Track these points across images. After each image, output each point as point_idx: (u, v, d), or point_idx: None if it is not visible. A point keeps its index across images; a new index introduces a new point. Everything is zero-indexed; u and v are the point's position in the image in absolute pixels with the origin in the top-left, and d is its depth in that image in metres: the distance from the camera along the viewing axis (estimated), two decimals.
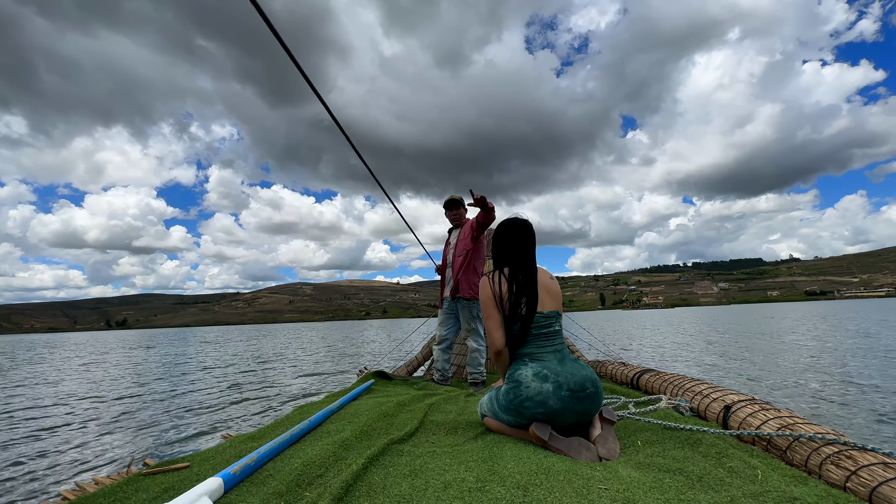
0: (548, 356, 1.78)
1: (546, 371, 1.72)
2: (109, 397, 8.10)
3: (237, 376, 10.36)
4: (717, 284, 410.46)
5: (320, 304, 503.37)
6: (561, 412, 1.68)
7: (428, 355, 4.78)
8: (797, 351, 9.97)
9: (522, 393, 1.72)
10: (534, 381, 1.70)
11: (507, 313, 1.86)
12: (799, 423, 1.60)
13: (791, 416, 1.64)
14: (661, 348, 12.18)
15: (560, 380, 1.69)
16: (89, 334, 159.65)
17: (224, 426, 5.26)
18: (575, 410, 1.69)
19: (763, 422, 1.67)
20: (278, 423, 2.31)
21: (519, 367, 1.80)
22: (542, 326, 1.85)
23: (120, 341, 43.76)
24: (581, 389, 1.69)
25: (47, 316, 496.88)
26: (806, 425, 1.58)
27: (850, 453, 1.39)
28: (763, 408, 1.75)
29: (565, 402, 1.67)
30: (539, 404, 1.68)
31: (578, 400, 1.68)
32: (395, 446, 1.88)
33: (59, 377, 12.02)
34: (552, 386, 1.68)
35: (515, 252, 1.99)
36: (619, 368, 3.04)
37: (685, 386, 2.19)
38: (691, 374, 7.49)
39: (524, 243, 2.01)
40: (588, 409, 1.72)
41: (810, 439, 1.50)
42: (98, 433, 5.31)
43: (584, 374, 1.73)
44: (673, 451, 1.63)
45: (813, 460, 1.46)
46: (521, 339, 1.83)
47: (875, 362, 7.75)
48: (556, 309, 1.93)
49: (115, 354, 21.67)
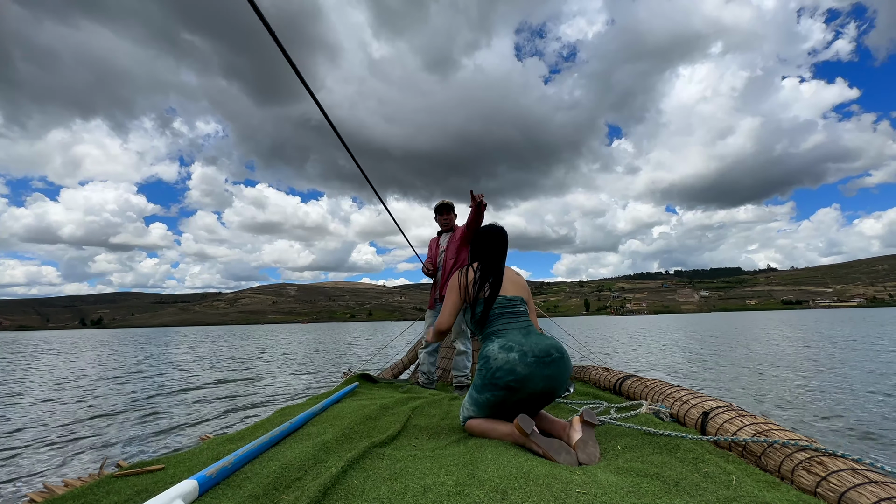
0: (512, 332, 1.93)
1: (510, 343, 1.86)
2: (80, 397, 7.82)
3: (215, 377, 10.13)
4: (698, 292, 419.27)
5: (304, 305, 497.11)
6: (529, 377, 1.80)
7: (414, 358, 4.75)
8: (784, 360, 10.20)
9: (492, 365, 1.84)
10: (500, 353, 1.85)
11: (470, 299, 2.07)
12: (773, 429, 1.63)
13: (766, 423, 1.68)
14: (649, 355, 12.31)
15: (525, 349, 1.83)
16: (62, 333, 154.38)
17: (202, 427, 5.12)
18: (543, 375, 1.81)
19: (739, 428, 1.70)
20: (258, 426, 2.27)
21: (486, 344, 1.96)
22: (506, 307, 2.03)
23: (93, 340, 42.38)
24: (546, 355, 1.83)
25: (17, 313, 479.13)
26: (780, 431, 1.62)
27: (821, 459, 1.43)
28: (739, 414, 1.79)
29: (532, 368, 1.80)
30: (508, 372, 1.80)
31: (545, 364, 1.82)
32: (376, 449, 1.85)
33: (25, 376, 11.60)
34: (518, 354, 1.81)
35: (488, 252, 2.20)
36: (603, 374, 3.07)
37: (665, 392, 2.23)
38: (676, 380, 7.61)
39: (497, 246, 2.23)
40: (555, 374, 1.84)
41: (783, 445, 1.54)
42: (69, 434, 5.10)
43: (548, 343, 1.89)
44: (651, 457, 1.65)
45: (786, 466, 1.50)
46: (484, 319, 2.02)
47: (853, 372, 8.00)
48: (520, 295, 2.11)
49: (88, 353, 21.00)
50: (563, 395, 2.80)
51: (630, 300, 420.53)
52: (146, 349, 23.09)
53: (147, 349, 23.16)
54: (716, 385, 6.98)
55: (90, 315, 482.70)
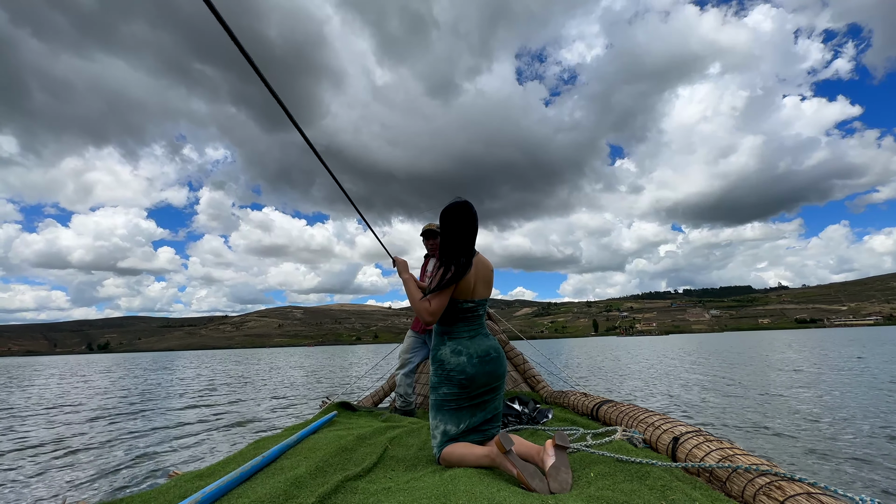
0: (463, 335, 2.22)
1: (460, 347, 2.19)
2: (48, 426, 7.47)
3: (195, 406, 9.80)
4: (708, 311, 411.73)
5: (310, 328, 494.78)
6: (475, 375, 2.13)
7: (395, 385, 4.68)
8: (807, 383, 9.79)
9: (446, 367, 2.17)
10: (452, 357, 2.17)
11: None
12: (738, 454, 1.66)
13: (731, 448, 1.71)
14: (670, 377, 11.64)
15: (470, 351, 2.17)
16: (67, 358, 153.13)
17: (172, 463, 4.83)
18: (484, 371, 2.15)
19: (706, 453, 1.73)
20: (230, 460, 2.18)
21: (439, 348, 2.25)
22: (469, 311, 2.24)
23: (90, 366, 41.90)
24: (486, 355, 2.18)
25: (26, 338, 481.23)
26: (744, 456, 1.64)
27: (780, 483, 1.46)
28: (707, 439, 1.82)
29: (476, 367, 2.14)
30: (460, 372, 2.14)
31: (485, 362, 2.16)
32: (349, 483, 1.82)
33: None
34: (465, 357, 2.15)
35: (465, 239, 2.21)
36: (581, 399, 3.06)
37: (639, 417, 2.25)
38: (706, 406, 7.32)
39: (473, 230, 2.23)
40: (493, 370, 2.18)
41: (746, 470, 1.56)
42: (28, 469, 4.81)
43: (488, 344, 2.23)
44: (622, 484, 1.65)
45: (748, 491, 1.52)
46: (447, 317, 2.24)
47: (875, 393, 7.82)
48: (486, 297, 2.31)
49: (62, 381, 20.37)
50: (540, 422, 2.82)
51: (639, 320, 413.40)
52: (140, 375, 22.64)
53: (142, 375, 22.73)
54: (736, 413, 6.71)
55: (97, 339, 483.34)
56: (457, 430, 2.13)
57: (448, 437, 2.12)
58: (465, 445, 2.06)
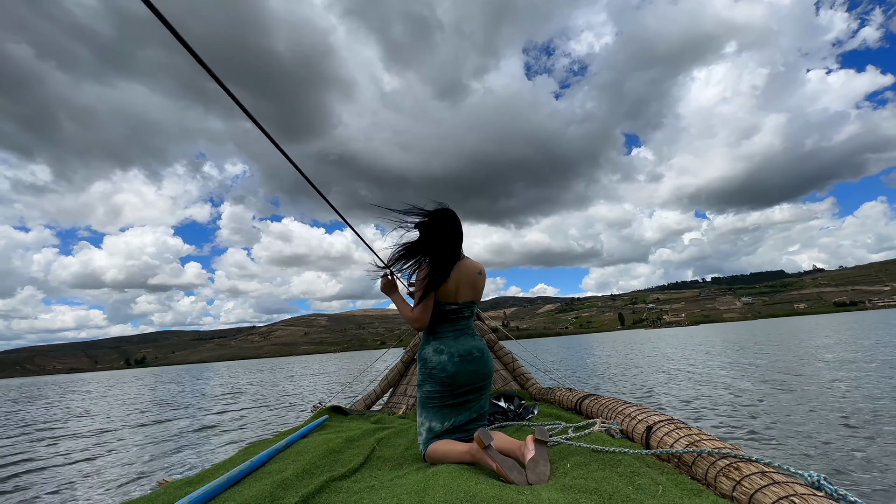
0: (447, 335, 2.29)
1: (442, 346, 2.26)
2: (51, 440, 7.78)
3: (191, 419, 10.06)
4: (739, 299, 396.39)
5: (335, 334, 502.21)
6: (456, 373, 2.20)
7: (387, 388, 4.73)
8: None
9: (429, 366, 2.26)
10: (434, 356, 2.25)
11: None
12: (704, 439, 1.71)
13: (699, 434, 1.76)
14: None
15: (452, 350, 2.23)
16: (107, 373, 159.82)
17: (163, 471, 4.95)
18: (466, 370, 2.21)
19: (675, 440, 1.78)
20: (219, 466, 2.22)
21: (423, 347, 2.33)
22: (451, 313, 2.30)
23: (121, 380, 43.50)
24: (468, 354, 2.24)
25: (69, 356, 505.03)
26: (709, 441, 1.69)
27: (738, 465, 1.51)
28: (678, 427, 1.87)
29: (458, 366, 2.20)
30: (441, 370, 2.21)
31: (467, 362, 2.22)
32: (334, 483, 1.88)
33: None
34: (447, 356, 2.22)
35: (448, 245, 2.29)
36: (566, 394, 3.10)
37: (617, 409, 2.31)
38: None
39: (456, 236, 2.33)
40: (476, 368, 2.23)
41: (709, 454, 1.62)
42: (16, 478, 5.00)
43: (471, 344, 2.28)
44: (595, 473, 1.70)
45: (710, 473, 1.58)
46: (431, 318, 2.30)
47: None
48: (471, 299, 2.34)
49: (74, 398, 21.12)
50: (526, 418, 2.89)
51: (667, 312, 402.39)
52: (166, 388, 23.43)
53: (166, 388, 23.53)
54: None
55: (134, 354, 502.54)
56: (441, 428, 2.19)
57: (433, 433, 2.19)
58: (447, 442, 2.12)
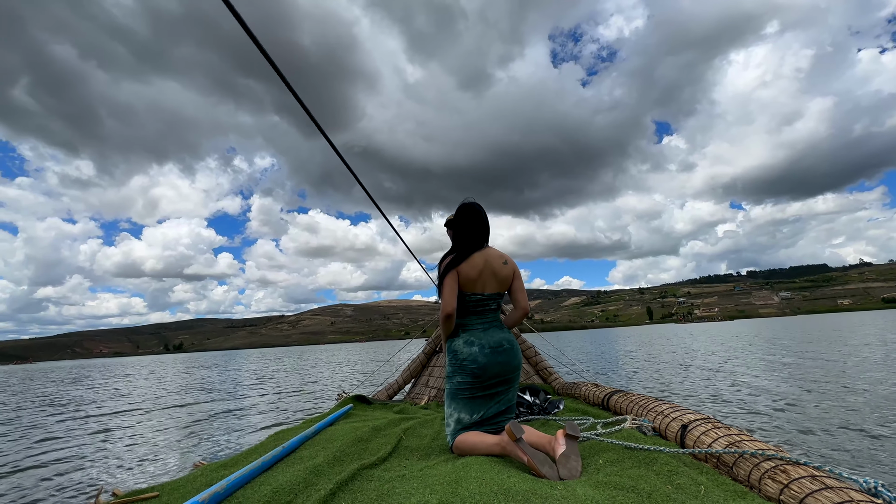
0: (476, 327, 2.32)
1: (472, 338, 2.28)
2: (81, 424, 8.08)
3: (226, 402, 10.37)
4: (777, 294, 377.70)
5: (361, 324, 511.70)
6: (487, 364, 2.22)
7: (408, 379, 4.79)
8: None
9: (459, 357, 2.27)
10: (464, 347, 2.27)
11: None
12: (745, 440, 1.65)
13: (739, 434, 1.69)
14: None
15: (482, 342, 2.26)
16: (148, 357, 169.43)
17: (198, 455, 5.17)
18: (496, 362, 2.23)
19: (714, 439, 1.73)
20: (251, 451, 2.29)
21: (453, 339, 2.35)
22: (478, 304, 2.32)
23: (160, 364, 45.98)
24: (498, 346, 2.26)
25: (113, 341, 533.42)
26: (751, 442, 1.63)
27: (785, 467, 1.44)
28: (715, 426, 1.80)
29: (488, 357, 2.22)
30: (472, 361, 2.22)
31: (497, 353, 2.24)
32: (365, 471, 1.90)
33: (23, 404, 12.28)
34: (477, 348, 2.24)
35: (470, 234, 2.39)
36: (592, 389, 3.08)
37: (649, 406, 2.25)
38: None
39: (477, 226, 2.40)
40: (506, 360, 2.25)
41: (752, 455, 1.56)
42: (66, 461, 5.22)
43: (501, 336, 2.30)
44: (630, 470, 1.68)
45: (754, 475, 1.52)
46: (459, 311, 2.33)
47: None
48: (498, 291, 2.36)
49: (110, 380, 22.05)
50: (551, 412, 2.85)
51: (698, 306, 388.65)
52: (196, 374, 24.14)
53: (202, 373, 24.22)
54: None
55: (172, 340, 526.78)
56: (470, 419, 2.20)
57: (462, 425, 2.20)
58: (476, 434, 2.13)
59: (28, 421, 9.10)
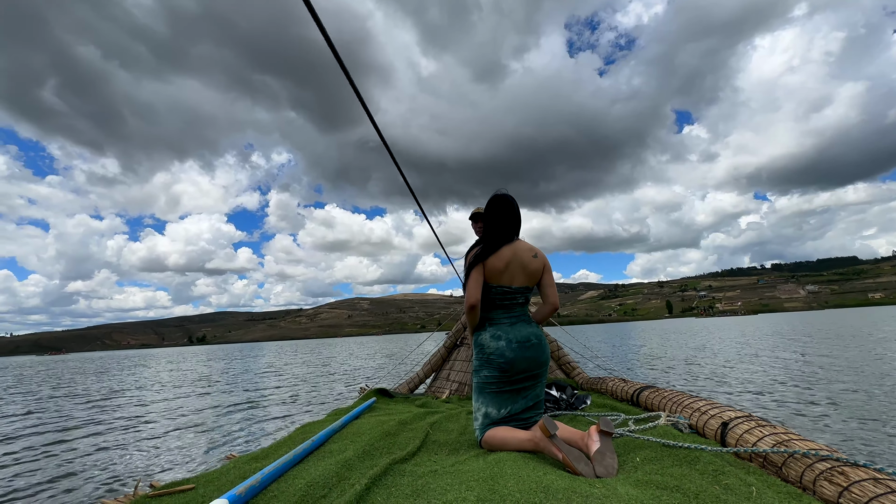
0: (503, 322, 2.27)
1: (499, 332, 2.24)
2: (113, 416, 8.24)
3: (249, 394, 10.51)
4: (804, 287, 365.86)
5: (377, 318, 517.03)
6: (515, 359, 2.18)
7: (430, 372, 4.78)
8: None
9: (486, 351, 2.23)
10: (491, 341, 2.23)
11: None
12: (794, 439, 1.56)
13: (787, 433, 1.61)
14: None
15: (510, 337, 2.21)
16: (174, 349, 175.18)
17: (228, 446, 5.27)
18: (524, 357, 2.19)
19: (759, 438, 1.65)
20: (281, 443, 2.30)
21: (480, 333, 2.31)
22: (505, 298, 2.27)
23: (187, 356, 47.49)
24: (526, 341, 2.21)
25: (140, 333, 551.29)
26: (800, 441, 1.55)
27: (843, 469, 1.36)
28: (759, 424, 1.72)
29: (516, 352, 2.18)
30: (499, 355, 2.19)
31: (525, 348, 2.20)
32: (397, 466, 1.88)
33: (56, 394, 12.53)
34: (505, 343, 2.20)
35: (499, 226, 2.34)
36: (620, 385, 3.00)
37: (684, 402, 2.17)
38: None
39: (507, 217, 2.34)
40: (534, 355, 2.21)
41: (804, 455, 1.47)
42: (101, 452, 5.33)
43: (529, 331, 2.25)
44: (671, 469, 1.63)
45: (807, 476, 1.44)
46: (485, 304, 2.30)
47: None
48: (526, 285, 2.30)
49: (135, 371, 22.46)
50: (579, 408, 2.77)
51: (720, 299, 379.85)
52: (218, 365, 24.52)
53: (224, 365, 24.59)
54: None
55: (196, 333, 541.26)
56: (498, 414, 2.17)
57: (490, 419, 2.17)
58: (507, 429, 2.09)
59: (66, 412, 9.31)
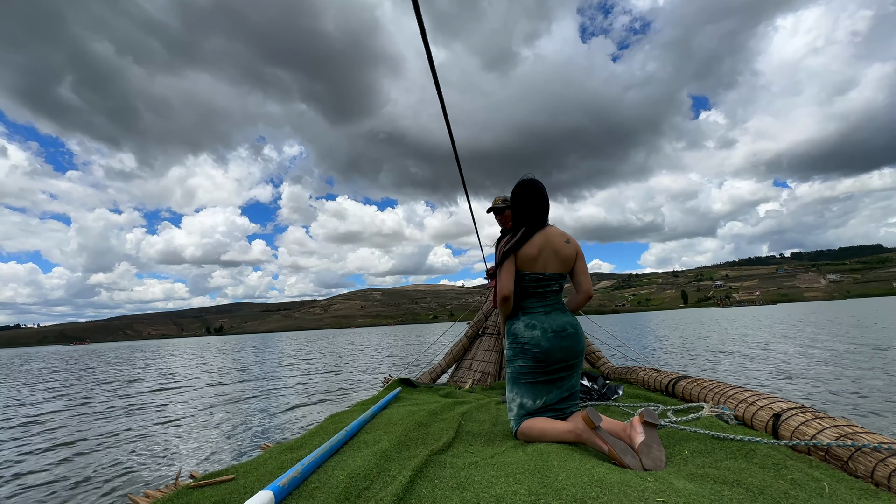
0: (538, 311, 2.20)
1: (534, 321, 2.17)
2: (149, 406, 8.25)
3: (274, 383, 10.59)
4: (825, 276, 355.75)
5: (390, 308, 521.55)
6: (550, 349, 2.11)
7: (451, 362, 4.74)
8: None
9: (521, 341, 2.17)
10: (525, 331, 2.16)
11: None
12: (858, 432, 1.47)
13: (849, 425, 1.52)
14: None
15: (545, 326, 2.14)
16: (192, 340, 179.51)
17: (260, 436, 5.30)
18: (560, 346, 2.12)
19: (818, 431, 1.56)
20: (313, 433, 2.26)
21: (513, 322, 2.24)
22: (539, 286, 2.20)
23: (206, 346, 48.52)
24: (562, 330, 2.14)
25: (160, 324, 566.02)
26: (866, 435, 1.45)
27: None
28: (816, 416, 1.63)
29: (552, 341, 2.12)
30: (534, 345, 2.13)
31: (561, 338, 2.13)
32: (435, 457, 1.84)
33: (91, 386, 12.58)
34: (539, 332, 2.14)
35: (529, 213, 2.26)
36: (652, 375, 2.91)
37: (727, 393, 2.08)
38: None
39: (537, 203, 2.26)
40: (570, 345, 2.13)
41: (874, 449, 1.38)
42: (142, 442, 5.36)
43: (564, 320, 2.18)
44: (726, 462, 1.56)
45: (880, 472, 1.35)
46: (518, 293, 2.23)
47: None
48: (559, 272, 2.23)
49: (163, 362, 22.81)
50: (611, 398, 2.70)
51: (737, 289, 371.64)
52: (237, 356, 24.74)
53: (244, 355, 24.79)
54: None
55: (213, 324, 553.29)
56: (534, 405, 2.11)
57: (525, 410, 2.11)
58: (545, 420, 2.03)
59: (98, 400, 9.39)
